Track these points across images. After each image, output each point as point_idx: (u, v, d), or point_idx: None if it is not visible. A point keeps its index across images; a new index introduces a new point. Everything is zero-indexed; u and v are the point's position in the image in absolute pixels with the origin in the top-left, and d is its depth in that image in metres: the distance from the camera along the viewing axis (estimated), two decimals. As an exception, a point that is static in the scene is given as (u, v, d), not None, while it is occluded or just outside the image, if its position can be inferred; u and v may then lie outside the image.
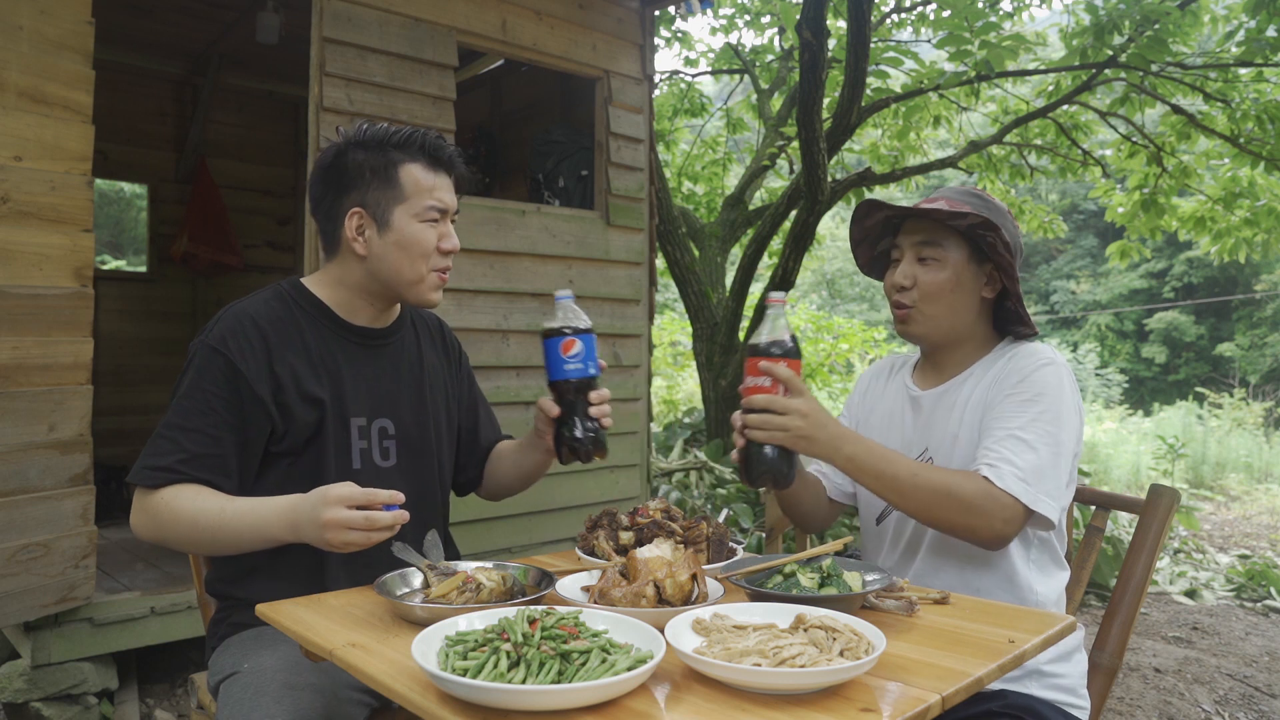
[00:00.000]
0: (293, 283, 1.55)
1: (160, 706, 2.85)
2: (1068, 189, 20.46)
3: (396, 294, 1.52)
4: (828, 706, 0.85)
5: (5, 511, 2.42)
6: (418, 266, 1.48)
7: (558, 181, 4.23)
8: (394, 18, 3.30)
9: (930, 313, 1.49)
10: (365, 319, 1.55)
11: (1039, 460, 1.32)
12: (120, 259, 12.76)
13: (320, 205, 1.52)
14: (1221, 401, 12.98)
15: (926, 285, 1.48)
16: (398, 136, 1.48)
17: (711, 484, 5.88)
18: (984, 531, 1.30)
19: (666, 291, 12.61)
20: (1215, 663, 3.57)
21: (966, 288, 1.49)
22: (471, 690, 0.83)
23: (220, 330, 1.42)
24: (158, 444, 1.36)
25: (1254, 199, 6.39)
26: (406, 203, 1.46)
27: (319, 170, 1.52)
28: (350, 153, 1.48)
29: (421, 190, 1.47)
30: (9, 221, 2.42)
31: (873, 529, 1.61)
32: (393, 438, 1.54)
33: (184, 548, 1.39)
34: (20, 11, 2.44)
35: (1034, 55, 6.53)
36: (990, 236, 1.44)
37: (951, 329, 1.51)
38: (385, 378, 1.56)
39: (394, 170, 1.46)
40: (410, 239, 1.47)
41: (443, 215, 1.50)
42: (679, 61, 30.18)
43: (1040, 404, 1.37)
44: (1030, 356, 1.45)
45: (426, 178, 1.48)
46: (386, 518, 1.20)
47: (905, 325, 1.53)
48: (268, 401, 1.40)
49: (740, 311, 6.19)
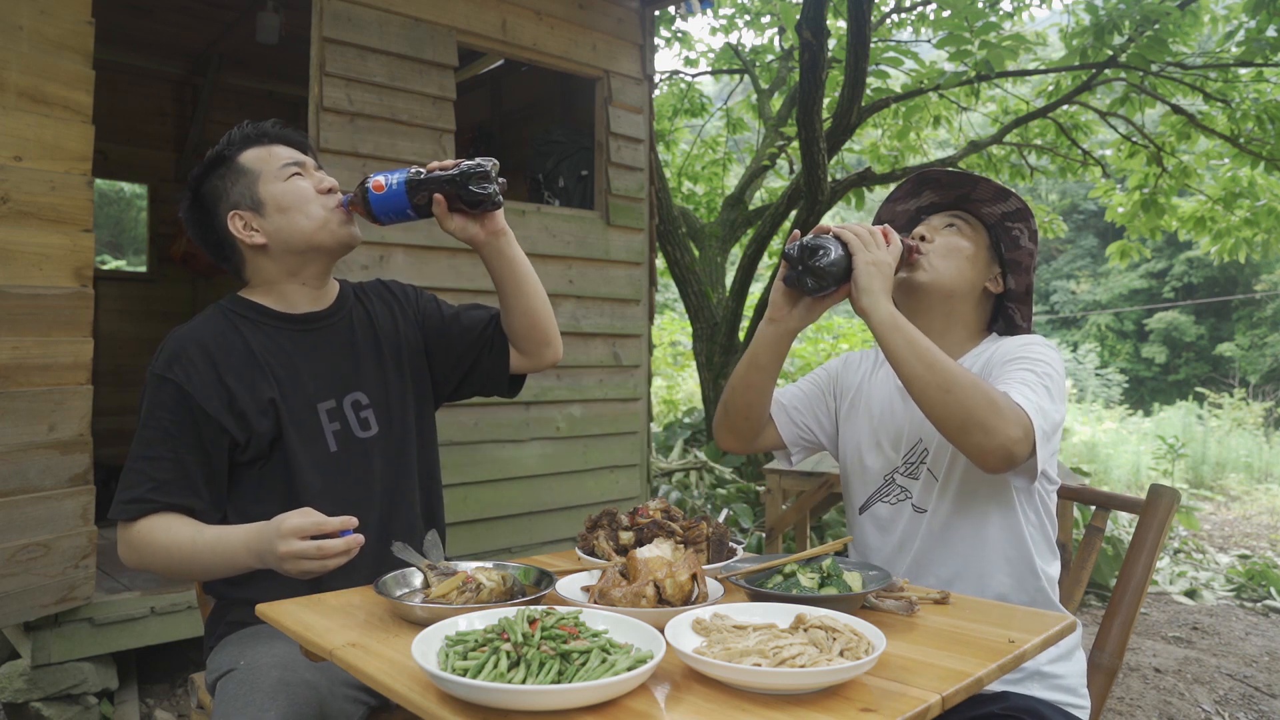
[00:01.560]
0: (230, 297, 1.58)
1: (160, 706, 2.85)
2: (1068, 189, 20.47)
3: (314, 251, 1.53)
4: (828, 706, 0.85)
5: (5, 511, 2.42)
6: (310, 212, 1.50)
7: (558, 181, 4.23)
8: (394, 18, 3.30)
9: (940, 266, 1.52)
10: (305, 305, 1.57)
11: (1041, 403, 1.31)
12: (120, 259, 12.77)
13: (208, 242, 1.57)
14: (1221, 401, 12.98)
15: (946, 242, 1.53)
16: (220, 146, 1.55)
17: (711, 484, 5.88)
18: (998, 433, 1.24)
19: (666, 291, 12.62)
20: (1215, 663, 3.57)
21: (979, 267, 1.54)
22: (471, 690, 0.83)
23: (165, 357, 1.45)
24: (128, 477, 1.40)
25: (1254, 199, 6.39)
26: (262, 175, 1.51)
27: (187, 220, 1.58)
28: (198, 189, 1.55)
29: (265, 160, 1.53)
30: (9, 221, 2.42)
31: (855, 517, 1.61)
32: (368, 407, 1.56)
33: (168, 576, 1.45)
34: (20, 11, 2.44)
35: (1034, 55, 6.54)
36: (1018, 228, 1.53)
37: (952, 291, 1.53)
38: (342, 354, 1.57)
39: (236, 164, 1.53)
40: (286, 197, 1.50)
41: (301, 167, 1.54)
42: (679, 61, 30.18)
43: (1038, 367, 1.39)
44: (1025, 337, 1.51)
45: (263, 152, 1.54)
46: (338, 545, 1.22)
47: (913, 270, 1.53)
48: (221, 415, 1.43)
49: (740, 311, 6.19)
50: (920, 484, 1.50)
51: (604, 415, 4.02)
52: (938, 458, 1.48)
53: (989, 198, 1.54)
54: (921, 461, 1.50)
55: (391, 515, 1.55)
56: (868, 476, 1.58)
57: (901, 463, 1.53)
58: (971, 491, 1.44)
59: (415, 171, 1.45)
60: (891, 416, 1.56)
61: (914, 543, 1.50)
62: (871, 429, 1.58)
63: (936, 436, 1.48)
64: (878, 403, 1.60)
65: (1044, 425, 1.29)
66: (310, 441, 1.49)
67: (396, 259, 3.30)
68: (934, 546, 1.47)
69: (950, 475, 1.46)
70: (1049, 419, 1.31)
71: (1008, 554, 1.43)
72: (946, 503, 1.46)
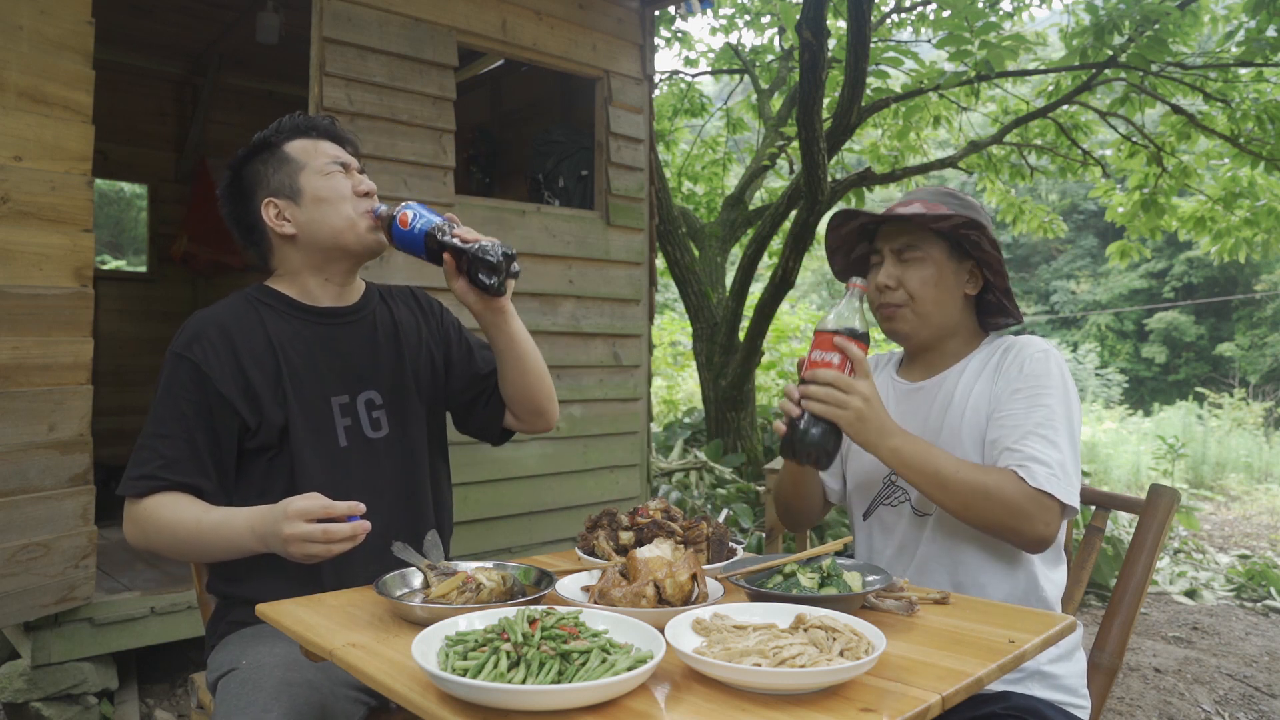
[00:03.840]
0: (256, 286, 1.59)
1: (160, 706, 2.85)
2: (1068, 189, 20.45)
3: (339, 250, 1.53)
4: (828, 706, 0.85)
5: (5, 511, 2.42)
6: (342, 210, 1.51)
7: (558, 181, 4.23)
8: (394, 18, 3.30)
9: (917, 310, 1.50)
10: (328, 300, 1.58)
11: (1062, 455, 1.33)
12: (120, 259, 12.77)
13: (240, 224, 1.58)
14: (1221, 401, 12.98)
15: (911, 283, 1.49)
16: (268, 131, 1.56)
17: (711, 484, 5.88)
18: (1028, 533, 1.31)
19: (666, 291, 12.61)
20: (1215, 663, 3.57)
21: (949, 284, 1.50)
22: (471, 690, 0.83)
23: (185, 337, 1.46)
24: (139, 454, 1.41)
25: (1254, 199, 6.39)
26: (306, 167, 1.52)
27: (223, 198, 1.59)
28: (240, 170, 1.56)
29: (311, 154, 1.54)
30: (9, 221, 2.42)
31: (860, 524, 1.61)
32: (381, 407, 1.56)
33: (171, 556, 1.43)
34: (20, 11, 2.44)
35: (1034, 55, 6.53)
36: (975, 235, 1.45)
37: (939, 325, 1.52)
38: (361, 351, 1.57)
39: (281, 151, 1.54)
40: (324, 191, 1.51)
41: (345, 168, 1.55)
42: (679, 61, 30.18)
43: (1050, 396, 1.38)
44: (1027, 349, 1.46)
45: (310, 145, 1.55)
46: (345, 529, 1.22)
47: (892, 323, 1.53)
48: (235, 398, 1.43)
49: (740, 311, 6.19)
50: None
51: (604, 415, 4.02)
52: None
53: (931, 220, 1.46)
54: None
55: (400, 519, 1.54)
56: (869, 480, 1.58)
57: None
58: None
59: (442, 225, 1.43)
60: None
61: (916, 548, 1.49)
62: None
63: (939, 442, 1.47)
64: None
65: (1068, 483, 1.32)
66: (320, 433, 1.49)
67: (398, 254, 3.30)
68: (936, 554, 1.47)
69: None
70: (1072, 468, 1.34)
71: (1010, 562, 1.43)
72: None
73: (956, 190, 1.55)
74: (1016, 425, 1.37)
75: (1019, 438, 1.35)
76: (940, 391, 1.52)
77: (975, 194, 7.38)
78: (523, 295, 3.68)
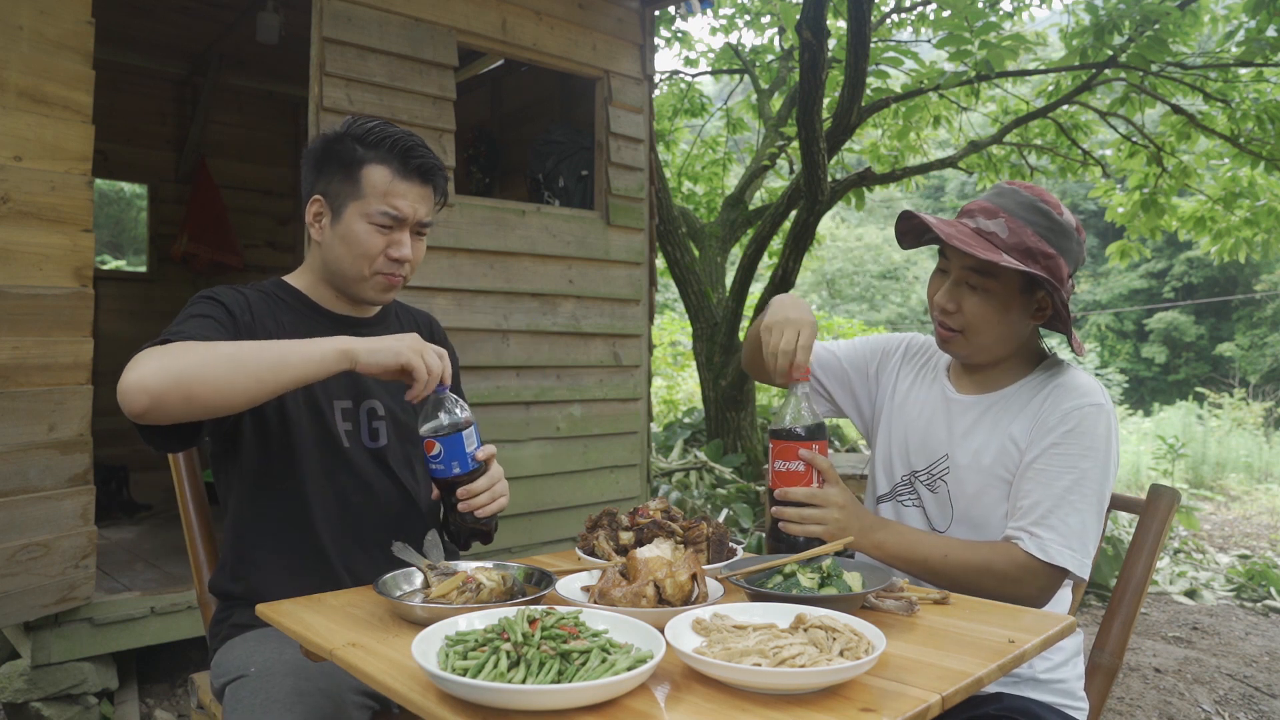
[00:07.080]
0: (273, 280, 1.57)
1: (160, 706, 2.85)
2: (1068, 189, 20.44)
3: (342, 287, 1.51)
4: (828, 706, 0.85)
5: (5, 511, 2.42)
6: (359, 266, 1.47)
7: (558, 181, 4.23)
8: (394, 18, 3.30)
9: (973, 341, 1.43)
10: (343, 309, 1.56)
11: (1083, 522, 1.32)
12: (120, 259, 12.77)
13: (302, 188, 1.53)
14: (1221, 401, 12.98)
15: (972, 315, 1.40)
16: (372, 135, 1.44)
17: (711, 484, 5.88)
18: (1024, 599, 1.31)
19: (666, 291, 12.61)
20: (1215, 663, 3.57)
21: (1014, 316, 1.41)
22: (471, 690, 0.83)
23: (216, 289, 1.45)
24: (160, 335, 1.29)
25: (1254, 199, 6.40)
26: (360, 201, 1.44)
27: (305, 155, 1.52)
28: (339, 142, 1.47)
29: (378, 193, 1.44)
30: (9, 221, 2.42)
31: (871, 503, 1.62)
32: (382, 418, 1.54)
33: (195, 380, 1.17)
34: (20, 11, 2.44)
35: (1034, 55, 6.53)
36: (1048, 284, 1.34)
37: (996, 355, 1.46)
38: None
39: (357, 168, 1.44)
40: (354, 237, 1.45)
41: (398, 223, 1.45)
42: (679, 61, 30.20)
43: (1088, 460, 1.34)
44: (1074, 394, 1.38)
45: (388, 182, 1.44)
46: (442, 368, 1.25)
47: (947, 345, 1.47)
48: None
49: (740, 311, 6.19)
50: (936, 499, 1.49)
51: (604, 415, 4.02)
52: (958, 479, 1.46)
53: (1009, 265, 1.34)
54: (942, 477, 1.49)
55: (397, 529, 1.53)
56: (893, 470, 1.58)
57: (924, 470, 1.52)
58: (982, 523, 1.44)
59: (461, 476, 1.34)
60: (931, 428, 1.53)
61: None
62: (904, 428, 1.57)
63: (963, 459, 1.46)
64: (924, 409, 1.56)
65: (1083, 553, 1.32)
66: (323, 431, 1.48)
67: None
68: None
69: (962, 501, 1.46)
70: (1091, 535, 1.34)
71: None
72: (961, 530, 1.46)
73: (1048, 207, 1.38)
74: (1046, 485, 1.34)
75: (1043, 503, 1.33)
76: (981, 415, 1.47)
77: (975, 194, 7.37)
78: (523, 295, 3.69)
